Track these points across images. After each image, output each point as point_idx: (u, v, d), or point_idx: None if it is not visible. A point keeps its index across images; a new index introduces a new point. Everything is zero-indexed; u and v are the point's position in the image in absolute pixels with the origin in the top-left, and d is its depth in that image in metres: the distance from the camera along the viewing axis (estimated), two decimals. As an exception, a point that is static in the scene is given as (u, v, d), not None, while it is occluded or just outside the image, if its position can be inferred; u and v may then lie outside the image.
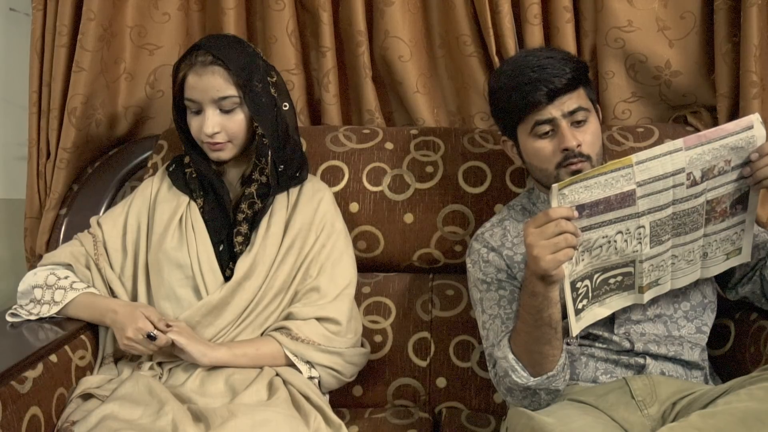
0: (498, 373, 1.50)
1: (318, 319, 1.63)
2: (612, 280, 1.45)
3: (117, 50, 2.04)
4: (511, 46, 1.97)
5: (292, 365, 1.61)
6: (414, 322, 1.85)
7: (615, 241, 1.40)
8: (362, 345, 1.72)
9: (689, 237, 1.47)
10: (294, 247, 1.68)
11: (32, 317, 1.62)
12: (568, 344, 1.51)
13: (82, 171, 2.06)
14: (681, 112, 2.03)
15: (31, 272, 1.68)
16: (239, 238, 1.66)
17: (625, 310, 1.52)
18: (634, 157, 1.35)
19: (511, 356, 1.45)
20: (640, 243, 1.41)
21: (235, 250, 1.66)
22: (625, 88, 2.02)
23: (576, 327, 1.43)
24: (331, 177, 1.87)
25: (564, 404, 1.46)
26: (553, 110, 1.50)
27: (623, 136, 1.89)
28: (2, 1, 2.18)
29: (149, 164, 1.93)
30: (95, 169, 2.04)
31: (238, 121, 1.64)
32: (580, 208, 1.34)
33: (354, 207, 1.86)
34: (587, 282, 1.43)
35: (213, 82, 1.61)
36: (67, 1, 1.97)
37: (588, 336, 1.53)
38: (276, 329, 1.63)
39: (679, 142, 1.38)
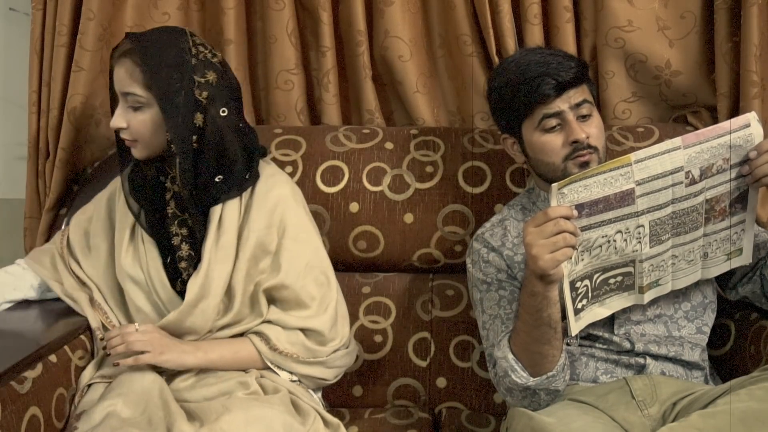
0: (498, 373, 1.50)
1: (302, 330, 1.56)
2: (612, 280, 1.45)
3: (117, 50, 2.04)
4: (511, 46, 1.97)
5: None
6: (414, 322, 1.85)
7: (615, 241, 1.40)
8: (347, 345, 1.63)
9: (689, 237, 1.47)
10: (252, 253, 1.57)
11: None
12: (568, 344, 1.51)
13: (81, 171, 2.06)
14: (681, 112, 2.03)
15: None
16: (182, 264, 1.56)
17: (625, 310, 1.52)
18: (632, 156, 1.35)
19: (510, 356, 1.45)
20: (639, 242, 1.41)
21: (182, 276, 1.56)
22: (625, 88, 2.02)
23: (575, 327, 1.43)
24: (331, 177, 1.87)
25: (564, 404, 1.46)
26: (561, 103, 1.51)
27: (623, 136, 1.89)
28: (2, 1, 2.18)
29: (149, 164, 1.93)
30: (95, 169, 2.04)
31: (141, 120, 1.52)
32: (580, 207, 1.34)
33: (354, 207, 1.86)
34: (587, 282, 1.42)
35: (120, 75, 1.52)
36: (66, 1, 1.96)
37: (588, 336, 1.53)
38: (255, 332, 1.57)
39: (677, 141, 1.39)
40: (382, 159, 1.90)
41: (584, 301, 1.44)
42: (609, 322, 1.53)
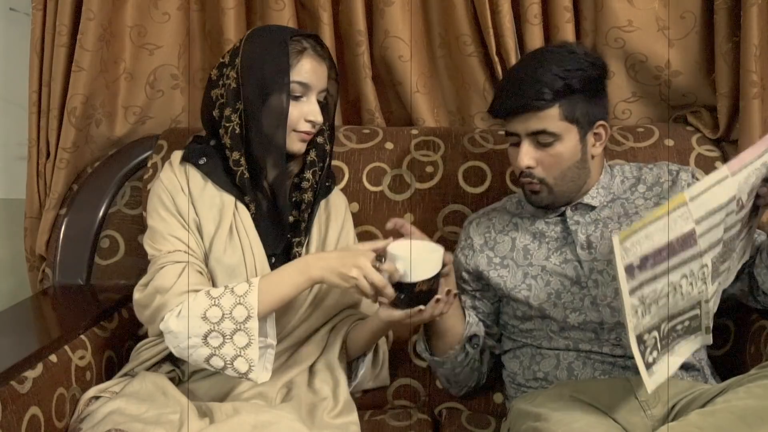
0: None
1: None
2: (679, 327, 1.35)
3: (117, 50, 2.04)
4: (511, 46, 1.97)
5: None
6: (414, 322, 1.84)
7: (681, 287, 1.31)
8: None
9: (727, 264, 1.40)
10: None
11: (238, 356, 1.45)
12: (566, 348, 1.51)
13: (82, 171, 2.06)
14: (681, 112, 2.03)
15: (181, 327, 1.44)
16: (297, 239, 1.60)
17: (614, 315, 1.51)
18: (686, 195, 1.27)
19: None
20: (705, 283, 1.33)
21: (294, 253, 1.59)
22: (625, 88, 2.02)
23: (651, 382, 1.29)
24: (331, 177, 1.87)
25: (566, 403, 1.46)
26: (518, 126, 1.51)
27: (623, 136, 1.89)
28: (2, 1, 2.18)
29: (149, 164, 1.93)
30: (95, 169, 2.04)
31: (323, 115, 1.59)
32: (644, 259, 1.25)
33: (354, 207, 1.86)
34: (655, 333, 1.31)
35: (324, 73, 1.58)
36: (67, 1, 1.96)
37: (578, 349, 1.54)
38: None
39: (724, 170, 1.31)
40: (382, 159, 1.90)
41: (654, 353, 1.31)
42: (599, 327, 1.53)
